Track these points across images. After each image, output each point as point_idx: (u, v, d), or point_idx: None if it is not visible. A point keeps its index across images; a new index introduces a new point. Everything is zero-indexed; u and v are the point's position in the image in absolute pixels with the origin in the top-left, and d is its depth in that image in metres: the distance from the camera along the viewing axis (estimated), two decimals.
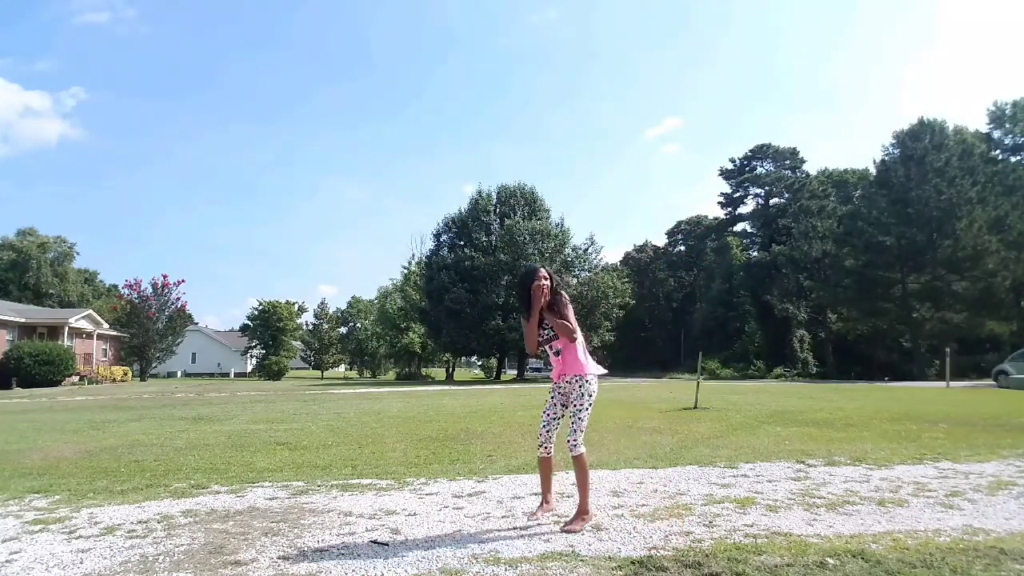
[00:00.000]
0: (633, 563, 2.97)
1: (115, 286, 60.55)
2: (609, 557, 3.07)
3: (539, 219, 38.56)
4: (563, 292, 3.76)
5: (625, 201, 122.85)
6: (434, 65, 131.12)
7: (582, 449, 3.64)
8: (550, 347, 3.78)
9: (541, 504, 3.91)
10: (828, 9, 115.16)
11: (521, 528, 3.66)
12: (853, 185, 48.63)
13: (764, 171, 54.11)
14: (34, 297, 56.06)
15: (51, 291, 59.52)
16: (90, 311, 36.68)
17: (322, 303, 64.07)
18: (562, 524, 3.64)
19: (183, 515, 4.03)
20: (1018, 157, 39.17)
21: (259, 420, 10.60)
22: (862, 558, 3.00)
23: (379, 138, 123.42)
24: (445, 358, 52.58)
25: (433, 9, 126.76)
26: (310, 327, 63.09)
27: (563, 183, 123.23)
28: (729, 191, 56.71)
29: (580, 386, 3.69)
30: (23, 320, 31.18)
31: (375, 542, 3.41)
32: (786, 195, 51.63)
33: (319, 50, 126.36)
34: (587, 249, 39.62)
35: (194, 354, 56.65)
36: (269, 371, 47.49)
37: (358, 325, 67.92)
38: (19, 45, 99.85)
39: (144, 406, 14.38)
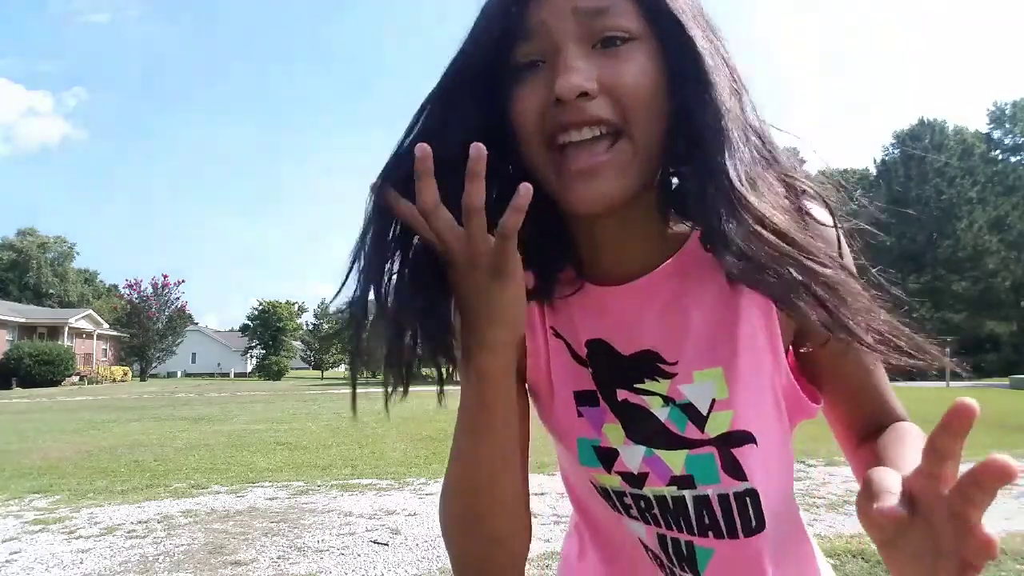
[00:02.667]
0: None
1: (115, 286, 60.55)
2: None
3: None
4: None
5: None
6: (439, 67, 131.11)
7: None
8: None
9: None
10: (828, 9, 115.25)
11: None
12: (853, 185, 48.68)
13: None
14: (34, 297, 55.99)
15: (51, 291, 59.45)
16: (90, 311, 36.68)
17: (322, 303, 64.12)
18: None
19: (183, 515, 4.03)
20: (1018, 157, 39.15)
21: (259, 420, 10.60)
22: (862, 558, 3.00)
23: (381, 138, 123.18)
24: None
25: (435, 9, 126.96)
26: (310, 327, 63.05)
27: None
28: None
29: None
30: (23, 320, 31.16)
31: (375, 542, 3.41)
32: None
33: (321, 50, 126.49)
34: None
35: (194, 354, 56.59)
36: (269, 371, 47.42)
37: None
38: (22, 45, 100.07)
39: (144, 406, 14.38)
